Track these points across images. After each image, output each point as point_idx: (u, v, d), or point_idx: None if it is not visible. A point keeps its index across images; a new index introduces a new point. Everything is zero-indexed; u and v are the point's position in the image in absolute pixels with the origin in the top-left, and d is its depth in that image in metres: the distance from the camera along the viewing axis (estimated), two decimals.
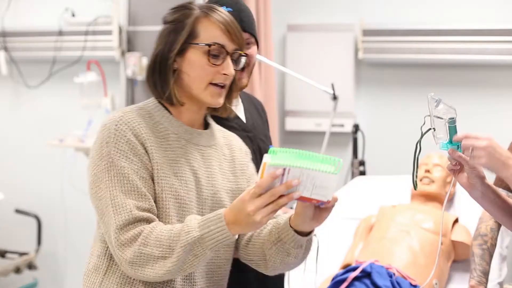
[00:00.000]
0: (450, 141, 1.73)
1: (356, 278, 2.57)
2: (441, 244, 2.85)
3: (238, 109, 2.15)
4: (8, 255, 4.51)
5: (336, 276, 2.64)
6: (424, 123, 1.76)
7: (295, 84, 4.06)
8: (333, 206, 1.53)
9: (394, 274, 2.58)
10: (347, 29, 4.04)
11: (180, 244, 1.49)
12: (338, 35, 4.07)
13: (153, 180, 1.60)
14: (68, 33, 4.47)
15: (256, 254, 1.71)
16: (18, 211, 4.59)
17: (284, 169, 1.41)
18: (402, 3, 4.01)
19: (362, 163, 3.83)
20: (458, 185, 3.31)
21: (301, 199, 1.46)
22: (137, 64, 4.17)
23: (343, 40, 4.05)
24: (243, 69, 1.95)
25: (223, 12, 1.67)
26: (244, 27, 2.02)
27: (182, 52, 1.64)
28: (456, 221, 3.04)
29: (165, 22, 1.68)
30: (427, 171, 3.17)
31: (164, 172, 1.60)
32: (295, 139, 4.25)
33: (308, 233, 1.63)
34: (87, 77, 4.18)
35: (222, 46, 1.63)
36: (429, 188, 3.12)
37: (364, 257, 2.74)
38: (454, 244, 2.93)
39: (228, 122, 2.06)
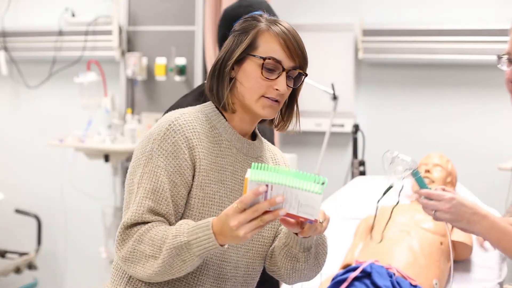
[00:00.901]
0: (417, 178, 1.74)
1: (356, 278, 2.57)
2: (441, 244, 2.85)
3: None
4: (8, 255, 4.51)
5: (336, 276, 2.64)
6: (390, 187, 1.75)
7: None
8: (326, 226, 1.56)
9: (394, 274, 2.58)
10: (347, 29, 4.04)
11: (166, 247, 1.50)
12: (338, 35, 4.07)
13: (190, 187, 1.60)
14: (68, 33, 4.47)
15: (276, 264, 1.72)
16: (18, 211, 4.59)
17: (267, 186, 1.41)
18: (402, 3, 4.01)
19: (362, 163, 3.83)
20: (458, 185, 3.31)
21: (289, 215, 1.45)
22: (137, 64, 4.17)
23: (343, 40, 4.05)
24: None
25: (286, 28, 1.66)
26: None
27: (240, 61, 1.65)
28: None
29: (233, 31, 1.69)
30: (427, 171, 3.17)
31: (210, 178, 1.61)
32: (295, 139, 4.25)
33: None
34: (87, 77, 4.18)
35: (278, 62, 1.63)
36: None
37: (364, 257, 2.74)
38: (454, 244, 2.93)
39: None
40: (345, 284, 2.56)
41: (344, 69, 4.04)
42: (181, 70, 4.12)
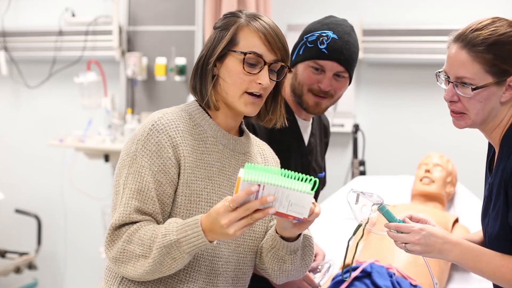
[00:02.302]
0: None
1: (356, 278, 2.57)
2: None
3: (305, 132, 2.14)
4: (8, 255, 4.51)
5: (337, 276, 2.64)
6: (359, 226, 1.76)
7: None
8: (312, 221, 1.55)
9: (394, 274, 2.58)
10: None
11: (156, 246, 1.51)
12: None
13: (176, 185, 1.61)
14: (68, 33, 4.47)
15: (264, 263, 1.73)
16: (18, 211, 4.59)
17: (259, 185, 1.43)
18: (402, 3, 4.02)
19: (362, 163, 3.83)
20: (458, 185, 3.31)
21: (278, 214, 1.48)
22: (137, 64, 4.17)
23: None
24: (321, 96, 2.00)
25: (266, 22, 1.66)
26: (341, 59, 2.02)
27: (222, 58, 1.65)
28: (456, 221, 3.04)
29: (214, 28, 1.70)
30: (427, 171, 3.17)
31: (196, 175, 1.62)
32: None
33: (296, 238, 1.66)
34: (87, 77, 4.18)
35: (260, 56, 1.63)
36: (429, 188, 3.12)
37: (364, 257, 2.74)
38: None
39: (290, 142, 2.05)
40: (345, 284, 2.56)
41: None
42: (181, 70, 4.12)
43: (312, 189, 1.45)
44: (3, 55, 4.59)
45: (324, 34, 1.98)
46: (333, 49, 2.00)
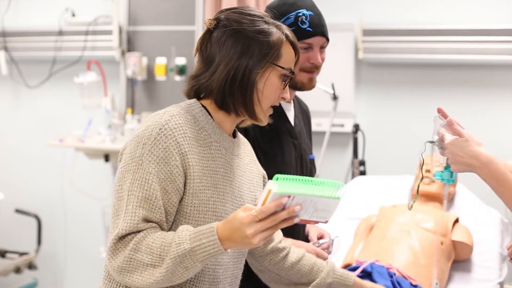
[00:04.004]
0: (446, 168, 1.74)
1: None
2: (441, 243, 2.85)
3: (290, 113, 2.15)
4: (8, 255, 4.51)
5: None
6: (425, 149, 1.76)
7: None
8: None
9: (394, 274, 2.58)
10: (347, 29, 4.04)
11: (170, 256, 1.46)
12: (338, 35, 4.06)
13: (182, 195, 1.57)
14: (68, 33, 4.47)
15: (271, 275, 1.82)
16: (18, 211, 4.58)
17: (289, 197, 1.42)
18: (402, 3, 4.02)
19: (362, 163, 3.83)
20: (458, 185, 3.31)
21: (301, 222, 1.48)
22: (137, 64, 4.17)
23: (343, 40, 4.05)
24: (313, 71, 2.05)
25: (294, 37, 1.66)
26: (324, 31, 2.08)
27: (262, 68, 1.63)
28: (456, 221, 3.04)
29: (251, 34, 1.60)
30: (427, 171, 3.17)
31: (203, 184, 1.58)
32: None
33: None
34: (87, 77, 4.18)
35: (292, 73, 1.65)
36: (430, 188, 3.12)
37: (364, 257, 2.74)
38: (455, 244, 2.93)
39: (279, 125, 2.05)
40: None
41: (344, 69, 4.04)
42: (181, 70, 4.12)
43: (340, 194, 1.46)
44: (3, 55, 4.59)
45: (300, 14, 2.00)
46: (315, 25, 2.04)
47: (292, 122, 2.15)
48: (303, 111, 2.28)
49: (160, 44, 4.23)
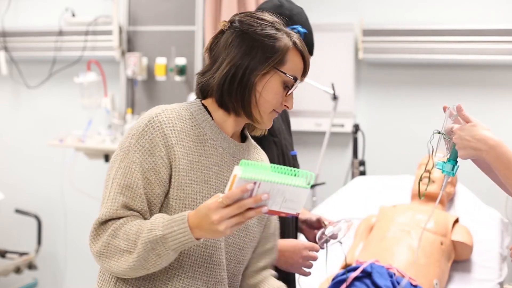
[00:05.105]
0: (449, 160, 1.74)
1: (356, 278, 2.57)
2: (441, 243, 2.85)
3: None
4: (8, 255, 4.50)
5: (337, 276, 2.64)
6: (432, 138, 1.76)
7: None
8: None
9: (394, 274, 2.58)
10: (347, 29, 4.04)
11: (141, 241, 1.49)
12: (338, 35, 4.07)
13: (168, 187, 1.58)
14: (68, 33, 4.47)
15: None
16: (18, 211, 4.58)
17: (255, 183, 1.41)
18: (402, 3, 4.02)
19: (362, 163, 3.83)
20: (458, 185, 3.31)
21: (270, 212, 1.46)
22: (137, 64, 4.17)
23: (343, 40, 4.05)
24: None
25: (304, 46, 1.67)
26: (312, 50, 2.09)
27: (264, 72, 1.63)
28: (456, 221, 3.04)
29: (256, 35, 1.62)
30: (427, 171, 3.17)
31: (191, 178, 1.59)
32: (295, 139, 4.23)
33: None
34: (87, 77, 4.18)
35: (296, 80, 1.65)
36: (429, 188, 3.12)
37: (364, 257, 2.74)
38: (455, 244, 2.93)
39: None
40: (346, 284, 2.56)
41: (344, 69, 4.04)
42: (181, 70, 4.12)
43: (308, 183, 1.44)
44: (3, 55, 4.59)
45: (295, 30, 1.99)
46: (307, 43, 2.01)
47: None
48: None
49: (160, 44, 4.23)
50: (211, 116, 1.67)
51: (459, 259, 2.96)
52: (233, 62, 1.61)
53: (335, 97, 3.64)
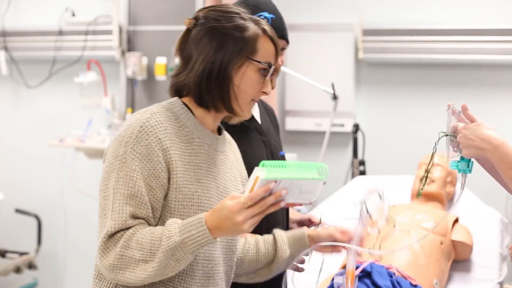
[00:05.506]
0: (462, 158, 1.73)
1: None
2: (441, 243, 2.85)
3: (255, 112, 2.16)
4: (8, 255, 4.51)
5: (336, 275, 2.63)
6: (439, 139, 1.75)
7: (295, 84, 4.06)
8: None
9: (394, 273, 2.58)
10: (347, 29, 4.04)
11: (162, 249, 1.48)
12: (338, 35, 4.07)
13: (167, 190, 1.58)
14: (68, 33, 4.47)
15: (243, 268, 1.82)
16: (18, 211, 4.59)
17: (276, 182, 1.47)
18: (402, 3, 4.02)
19: (362, 163, 3.83)
20: (458, 185, 3.31)
21: (288, 205, 1.55)
22: (137, 64, 4.17)
23: (343, 40, 4.05)
24: (275, 73, 2.01)
25: (273, 31, 1.67)
26: (284, 35, 2.08)
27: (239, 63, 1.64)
28: (456, 220, 3.04)
29: (225, 29, 1.62)
30: (427, 171, 3.17)
31: (187, 179, 1.59)
32: (295, 139, 4.25)
33: None
34: (87, 77, 4.18)
35: (271, 66, 1.66)
36: (429, 188, 3.12)
37: (364, 257, 2.73)
38: (454, 243, 2.93)
39: (245, 123, 2.06)
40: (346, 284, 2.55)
41: (344, 69, 4.04)
42: None
43: (323, 174, 1.54)
44: (3, 55, 4.59)
45: (262, 17, 2.00)
46: (276, 27, 2.01)
47: (259, 121, 2.16)
48: (268, 111, 2.30)
49: (160, 44, 4.22)
50: (193, 114, 1.67)
51: (459, 258, 2.96)
52: (207, 59, 1.61)
53: (335, 97, 3.64)
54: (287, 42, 2.13)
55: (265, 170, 1.46)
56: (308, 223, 2.16)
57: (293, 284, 2.19)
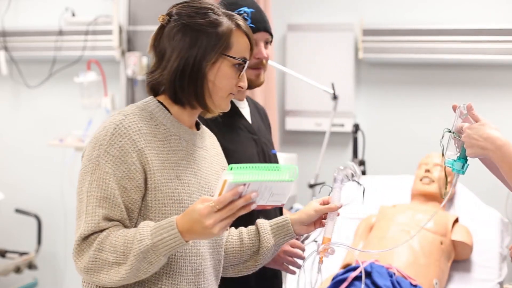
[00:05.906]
0: (459, 158, 1.73)
1: (356, 278, 2.57)
2: (441, 243, 2.85)
3: (245, 111, 2.16)
4: (8, 255, 4.51)
5: (337, 276, 2.64)
6: (442, 136, 1.75)
7: (295, 84, 4.06)
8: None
9: (394, 273, 2.58)
10: (347, 29, 4.04)
11: (133, 253, 1.48)
12: (338, 35, 4.07)
13: (144, 191, 1.58)
14: (68, 33, 4.47)
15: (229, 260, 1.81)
16: (18, 211, 4.59)
17: (245, 185, 1.45)
18: (402, 3, 4.02)
19: (362, 162, 3.83)
20: (458, 185, 3.31)
21: (258, 207, 1.52)
22: (137, 64, 4.17)
23: (343, 40, 4.05)
24: (260, 68, 2.03)
25: (247, 26, 1.67)
26: (266, 27, 2.08)
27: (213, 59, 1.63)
28: (456, 220, 3.04)
29: (199, 26, 1.62)
30: (427, 170, 3.18)
31: (165, 177, 1.59)
32: (295, 139, 4.25)
33: None
34: (87, 77, 4.18)
35: (246, 60, 1.65)
36: (429, 188, 3.12)
37: (364, 257, 2.74)
38: (454, 244, 2.93)
39: (235, 122, 2.06)
40: (345, 283, 2.56)
41: (344, 69, 4.04)
42: None
43: (293, 176, 1.51)
44: (3, 55, 4.59)
45: (241, 12, 2.00)
46: (257, 20, 2.05)
47: (249, 120, 2.16)
48: (259, 110, 2.30)
49: None
50: (169, 111, 1.66)
51: (459, 258, 2.96)
52: (181, 56, 1.61)
53: (335, 97, 3.64)
54: (271, 34, 2.12)
55: (233, 174, 1.44)
56: None
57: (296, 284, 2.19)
